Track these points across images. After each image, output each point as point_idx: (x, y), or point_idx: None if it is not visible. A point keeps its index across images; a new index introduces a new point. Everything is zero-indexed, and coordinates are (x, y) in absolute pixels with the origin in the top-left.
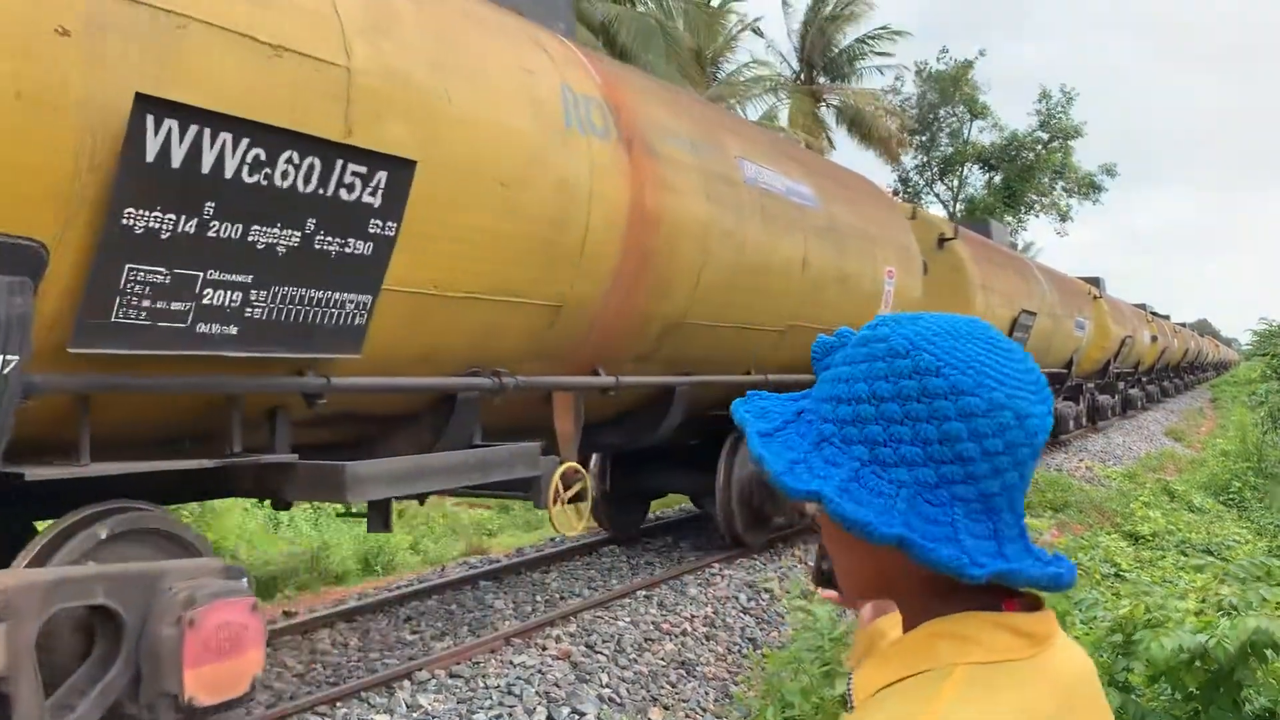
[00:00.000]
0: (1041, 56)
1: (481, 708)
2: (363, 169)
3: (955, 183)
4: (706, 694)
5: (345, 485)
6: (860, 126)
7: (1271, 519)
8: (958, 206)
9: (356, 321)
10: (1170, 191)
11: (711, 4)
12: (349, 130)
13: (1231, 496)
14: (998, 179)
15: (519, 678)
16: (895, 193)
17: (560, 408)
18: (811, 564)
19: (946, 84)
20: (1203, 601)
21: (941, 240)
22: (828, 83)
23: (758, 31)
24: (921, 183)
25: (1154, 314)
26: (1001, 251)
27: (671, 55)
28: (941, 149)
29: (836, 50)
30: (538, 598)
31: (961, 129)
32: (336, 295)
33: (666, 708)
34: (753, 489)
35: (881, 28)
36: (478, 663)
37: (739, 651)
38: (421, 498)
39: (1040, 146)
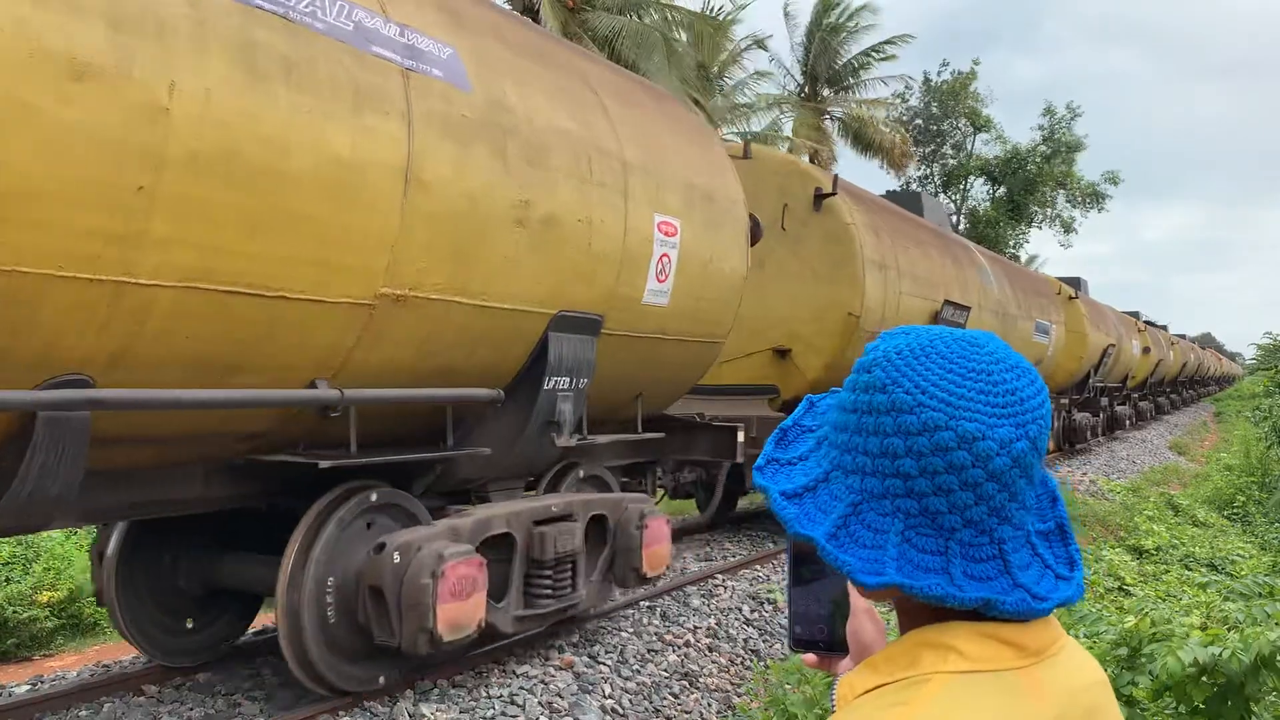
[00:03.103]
0: (1049, 70)
1: (484, 717)
2: None
3: (958, 195)
4: (709, 705)
5: None
6: (862, 138)
7: (1276, 534)
8: (961, 219)
9: None
10: (1177, 205)
11: (717, 17)
12: None
13: (1235, 511)
14: (1001, 192)
15: (522, 688)
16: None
17: None
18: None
19: (947, 97)
20: (1207, 617)
21: (819, 197)
22: (831, 95)
23: (761, 45)
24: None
25: (1148, 323)
26: (926, 228)
27: (674, 67)
28: (944, 161)
29: (840, 63)
30: None
31: (965, 142)
32: None
33: (669, 719)
34: (357, 596)
35: (886, 41)
36: (480, 672)
37: (742, 663)
38: None
39: (1044, 161)
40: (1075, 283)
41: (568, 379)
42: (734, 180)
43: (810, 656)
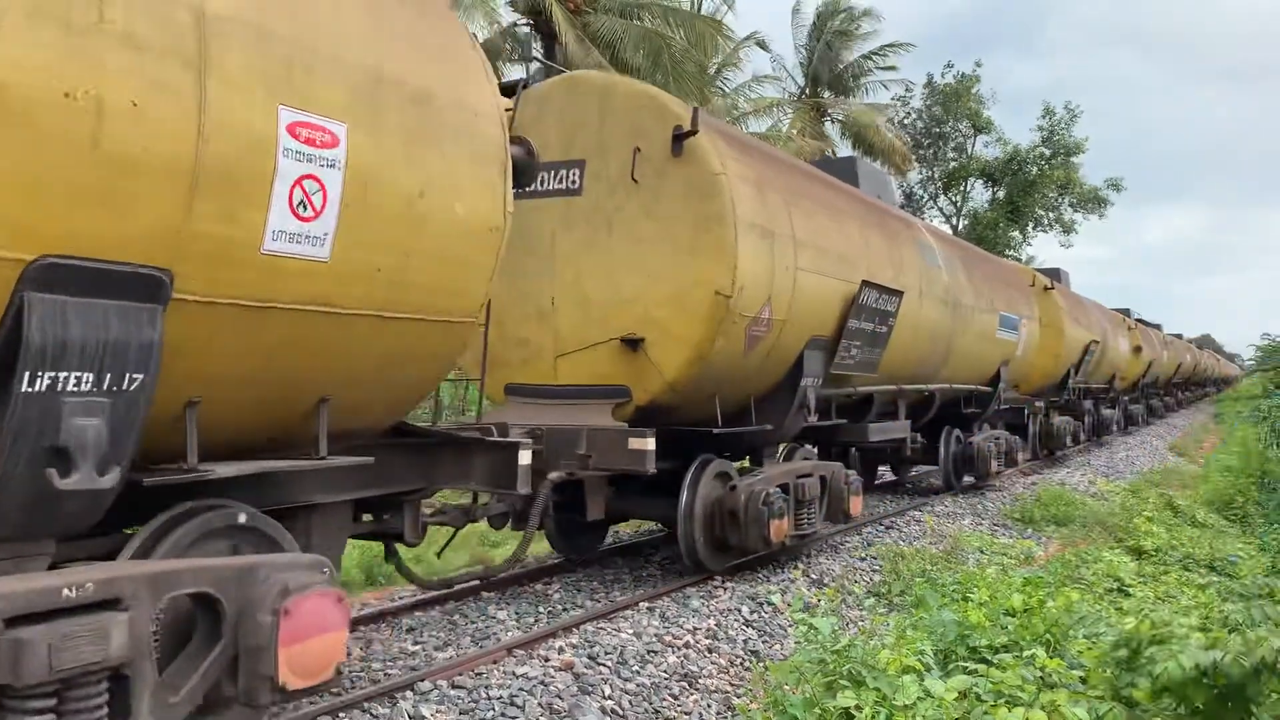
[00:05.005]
0: (1051, 73)
1: (484, 719)
2: None
3: (958, 197)
4: (709, 706)
5: None
6: (864, 140)
7: (1275, 535)
8: (961, 221)
9: None
10: (1179, 207)
11: (713, 15)
12: None
13: (1235, 512)
14: (1001, 193)
15: (521, 689)
16: (900, 206)
17: None
18: None
19: (950, 98)
20: (1206, 618)
21: (678, 138)
22: (832, 98)
23: (763, 46)
24: (925, 196)
25: (1141, 321)
26: (848, 194)
27: (677, 71)
28: (945, 163)
29: (842, 66)
30: (540, 609)
31: (965, 144)
32: None
33: None
34: None
35: (887, 45)
36: (480, 673)
37: (742, 664)
38: None
39: (1044, 162)
40: (1054, 274)
41: (89, 375)
42: (481, 83)
43: None
